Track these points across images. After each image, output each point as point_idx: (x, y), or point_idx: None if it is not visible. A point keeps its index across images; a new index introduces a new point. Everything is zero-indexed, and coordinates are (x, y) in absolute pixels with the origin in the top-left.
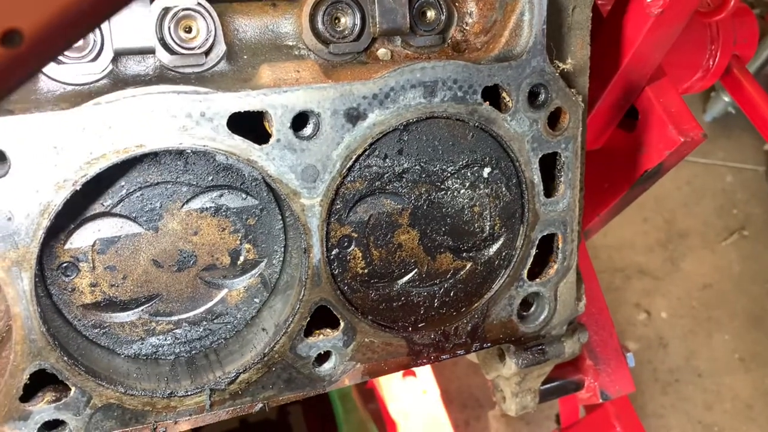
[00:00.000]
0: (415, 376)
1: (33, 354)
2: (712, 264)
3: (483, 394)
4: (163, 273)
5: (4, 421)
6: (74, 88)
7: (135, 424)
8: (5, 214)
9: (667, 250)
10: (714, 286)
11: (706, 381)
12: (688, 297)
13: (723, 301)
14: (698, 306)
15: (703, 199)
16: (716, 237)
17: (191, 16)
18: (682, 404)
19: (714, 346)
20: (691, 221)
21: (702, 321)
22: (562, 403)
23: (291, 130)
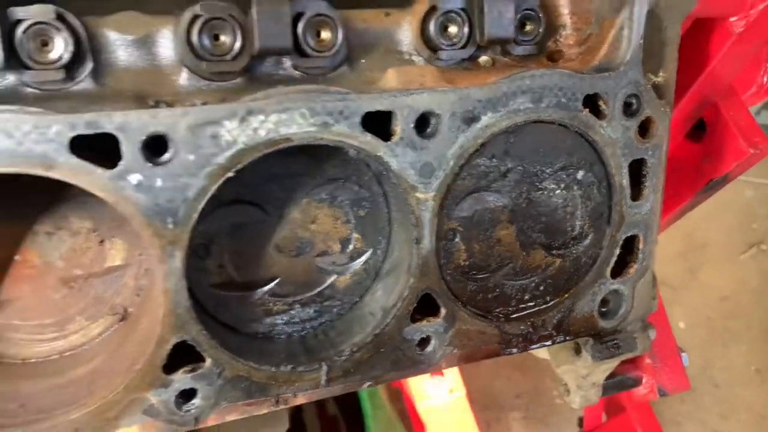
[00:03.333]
0: (443, 375)
1: (177, 327)
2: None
3: (504, 396)
4: (282, 258)
5: (149, 388)
6: (217, 84)
7: (259, 396)
8: (165, 197)
9: (687, 261)
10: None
11: (723, 391)
12: (706, 308)
13: (740, 313)
14: (715, 317)
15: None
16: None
17: (324, 21)
18: (698, 413)
19: (731, 357)
20: (711, 234)
21: (719, 332)
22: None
23: (414, 130)
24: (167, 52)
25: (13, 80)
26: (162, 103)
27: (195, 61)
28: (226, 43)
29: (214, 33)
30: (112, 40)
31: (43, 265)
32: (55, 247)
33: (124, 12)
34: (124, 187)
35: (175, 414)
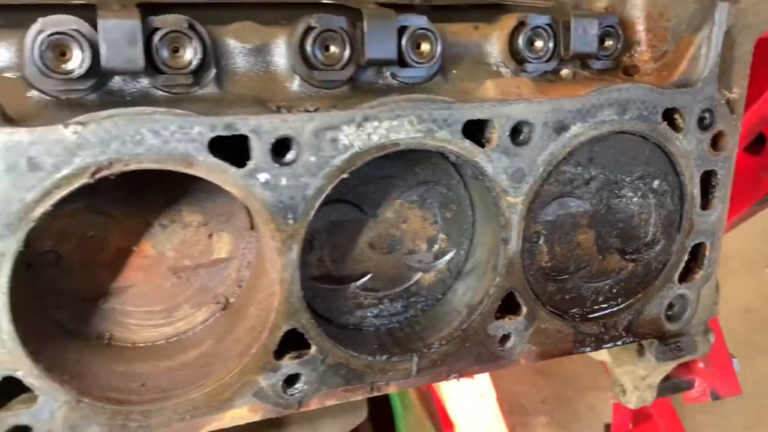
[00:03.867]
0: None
1: (290, 315)
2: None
3: (529, 401)
4: (375, 254)
5: (260, 372)
6: (325, 91)
7: (356, 383)
8: (288, 194)
9: None
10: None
11: (747, 403)
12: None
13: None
14: (740, 329)
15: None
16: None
17: (425, 35)
18: (722, 423)
19: (756, 369)
20: (735, 246)
21: (743, 344)
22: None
23: (509, 137)
24: (281, 60)
25: (146, 83)
26: (283, 108)
27: (307, 69)
28: (336, 53)
29: (325, 44)
30: (231, 48)
31: (157, 255)
32: (168, 239)
33: (242, 22)
34: (253, 184)
35: (281, 397)
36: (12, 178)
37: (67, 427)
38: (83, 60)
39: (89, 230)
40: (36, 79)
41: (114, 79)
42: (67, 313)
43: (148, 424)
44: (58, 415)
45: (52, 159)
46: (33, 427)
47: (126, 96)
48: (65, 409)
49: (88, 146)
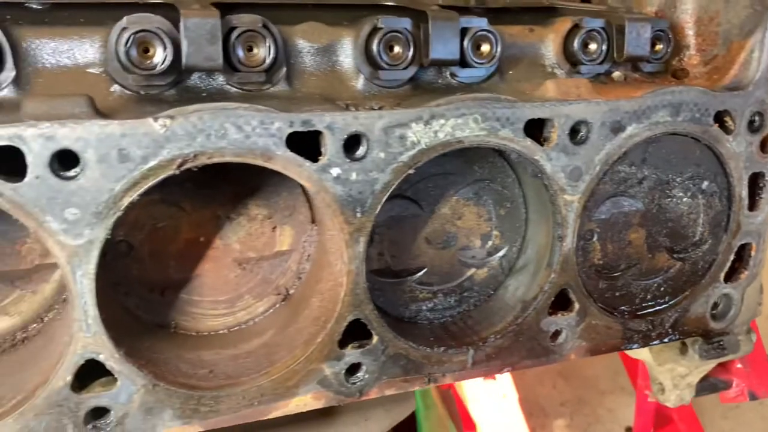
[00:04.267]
0: (495, 379)
1: (355, 305)
2: None
3: (549, 403)
4: (431, 249)
5: (325, 360)
6: (388, 90)
7: (414, 373)
8: (357, 189)
9: None
10: None
11: (766, 409)
12: None
13: None
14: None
15: None
16: None
17: (486, 36)
18: (741, 429)
19: None
20: None
21: None
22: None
23: (568, 136)
24: (346, 60)
25: (221, 81)
26: (351, 106)
27: (371, 69)
28: (400, 53)
29: (390, 44)
30: (300, 47)
31: (223, 247)
32: (234, 231)
33: (310, 22)
34: (325, 179)
35: (343, 385)
36: (103, 169)
37: (143, 410)
38: (165, 57)
39: (160, 221)
40: (119, 74)
41: (192, 76)
42: (136, 301)
43: (218, 409)
44: (135, 398)
45: (141, 151)
46: (111, 409)
47: (202, 92)
48: (142, 392)
49: (175, 139)
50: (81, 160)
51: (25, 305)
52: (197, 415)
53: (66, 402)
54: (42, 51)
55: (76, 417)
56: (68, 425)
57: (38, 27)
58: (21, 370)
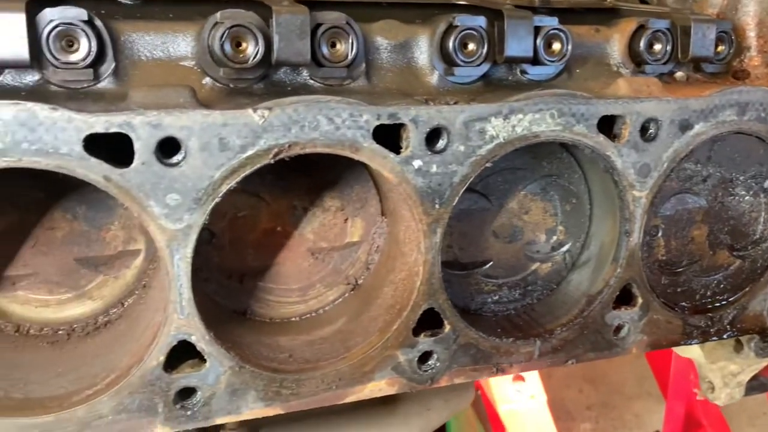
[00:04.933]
0: (524, 380)
1: (429, 294)
2: None
3: (575, 407)
4: (497, 243)
5: (399, 348)
6: (461, 86)
7: (482, 363)
8: (437, 181)
9: None
10: None
11: None
12: None
13: None
14: None
15: None
16: None
17: (557, 35)
18: None
19: None
20: None
21: None
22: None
23: (639, 133)
24: (422, 56)
25: (306, 75)
26: (430, 101)
27: (446, 65)
28: (474, 50)
29: (464, 42)
30: (378, 44)
31: (298, 237)
32: (309, 222)
33: (386, 20)
34: (407, 170)
35: (416, 372)
36: (204, 157)
37: (229, 392)
38: (257, 51)
39: (241, 211)
40: (211, 67)
41: (279, 71)
42: (215, 287)
43: (298, 392)
44: (222, 379)
45: (240, 140)
46: (199, 389)
47: (287, 87)
48: (229, 374)
49: (271, 129)
50: (184, 148)
51: (107, 290)
52: (279, 398)
53: (158, 381)
54: (138, 44)
55: (167, 396)
56: (159, 404)
57: (133, 21)
58: (108, 351)
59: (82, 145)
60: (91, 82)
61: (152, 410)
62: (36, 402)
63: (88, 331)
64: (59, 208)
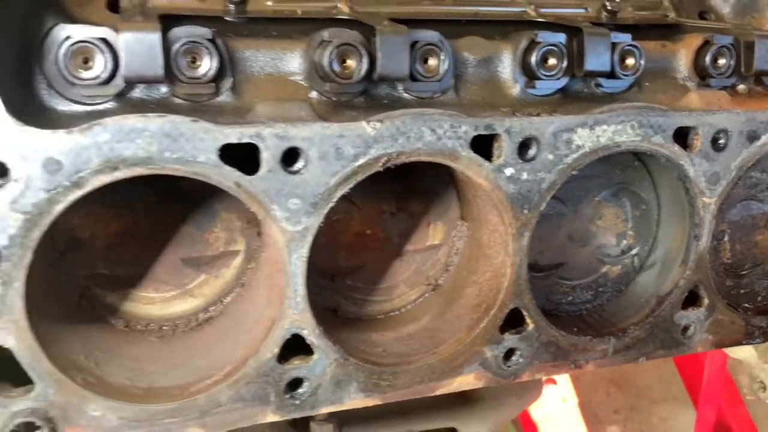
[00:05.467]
0: (556, 383)
1: (516, 294)
2: None
3: (602, 410)
4: (572, 246)
5: (487, 344)
6: (541, 98)
7: (561, 360)
8: (526, 188)
9: None
10: None
11: None
12: None
13: None
14: None
15: None
16: None
17: (631, 51)
18: None
19: None
20: None
21: None
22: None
23: (710, 144)
24: (505, 70)
25: (401, 89)
26: (517, 113)
27: (527, 78)
28: (554, 65)
29: (545, 57)
30: (464, 59)
31: (385, 240)
32: (395, 225)
33: (471, 37)
34: (500, 178)
35: (501, 368)
36: (322, 165)
37: (333, 383)
38: (362, 67)
39: (336, 214)
40: (318, 82)
41: (378, 85)
42: (311, 285)
43: (395, 384)
44: (328, 371)
45: (353, 150)
46: (307, 380)
47: (383, 100)
48: (334, 366)
49: (381, 140)
50: (305, 157)
51: (208, 288)
52: (378, 389)
53: (272, 372)
54: (251, 60)
55: (278, 386)
56: (271, 393)
57: (244, 39)
58: (216, 344)
59: (217, 154)
60: (212, 96)
61: (265, 399)
62: (160, 391)
63: (191, 326)
64: (169, 211)
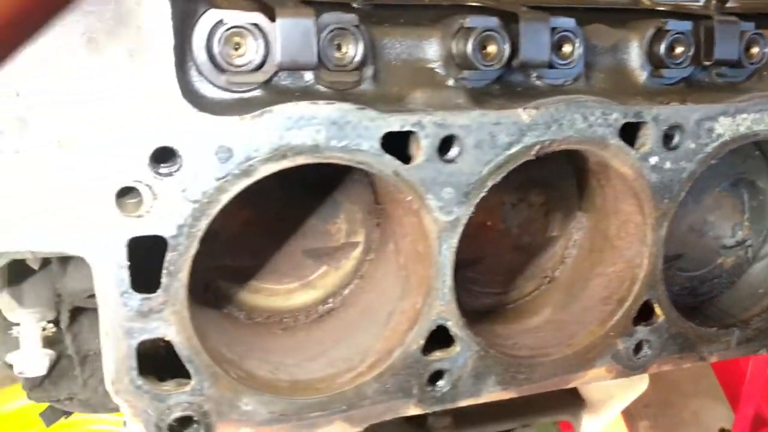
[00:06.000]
0: None
1: (650, 286)
2: None
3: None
4: (691, 236)
5: (619, 336)
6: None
7: (688, 351)
8: (668, 177)
9: None
10: None
11: None
12: None
13: None
14: None
15: None
16: None
17: (755, 40)
18: None
19: None
20: None
21: None
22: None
23: None
24: (631, 58)
25: (535, 76)
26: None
27: (654, 67)
28: (681, 53)
29: (673, 45)
30: (593, 46)
31: (504, 231)
32: (515, 217)
33: (597, 24)
34: (644, 166)
35: (631, 360)
36: (477, 153)
37: (473, 375)
38: (503, 54)
39: None
40: (453, 69)
41: (513, 73)
42: None
43: (531, 377)
44: (469, 363)
45: (507, 138)
46: (449, 372)
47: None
48: (475, 358)
49: (535, 128)
50: (460, 145)
51: (328, 280)
52: (515, 382)
53: (416, 364)
54: (388, 48)
55: (421, 378)
56: (414, 385)
57: (380, 26)
58: (346, 336)
59: (380, 142)
60: (355, 84)
61: (408, 392)
62: (305, 384)
63: (312, 318)
64: (293, 203)
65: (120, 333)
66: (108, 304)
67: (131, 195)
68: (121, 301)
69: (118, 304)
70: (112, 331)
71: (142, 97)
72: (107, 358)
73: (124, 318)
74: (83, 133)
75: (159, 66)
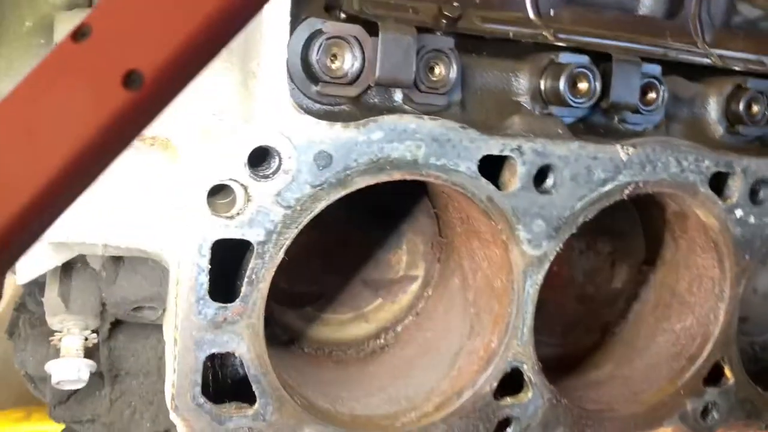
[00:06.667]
0: None
1: (725, 344)
2: None
3: None
4: (755, 299)
5: (689, 396)
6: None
7: (754, 418)
8: (750, 232)
9: None
10: None
11: None
12: None
13: None
14: None
15: None
16: None
17: None
18: None
19: None
20: None
21: None
22: None
23: None
24: (708, 112)
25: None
26: None
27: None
28: (758, 111)
29: (750, 102)
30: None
31: (570, 278)
32: (582, 265)
33: (674, 76)
34: (729, 219)
35: (698, 422)
36: (572, 187)
37: (542, 425)
38: (594, 92)
39: None
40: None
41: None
42: None
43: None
44: (539, 412)
45: (603, 174)
46: (517, 420)
47: (600, 129)
48: (546, 407)
49: (631, 167)
50: (556, 176)
51: (382, 314)
52: None
53: (487, 408)
54: (476, 77)
55: (490, 423)
56: (481, 431)
57: (470, 55)
58: (405, 375)
59: (477, 164)
60: (444, 108)
61: None
62: (365, 419)
63: (363, 353)
64: (356, 229)
65: (189, 344)
66: (180, 311)
67: (223, 194)
68: (195, 308)
69: (191, 311)
70: (181, 341)
71: (245, 95)
72: (170, 370)
73: (195, 327)
74: (182, 127)
75: (267, 67)
